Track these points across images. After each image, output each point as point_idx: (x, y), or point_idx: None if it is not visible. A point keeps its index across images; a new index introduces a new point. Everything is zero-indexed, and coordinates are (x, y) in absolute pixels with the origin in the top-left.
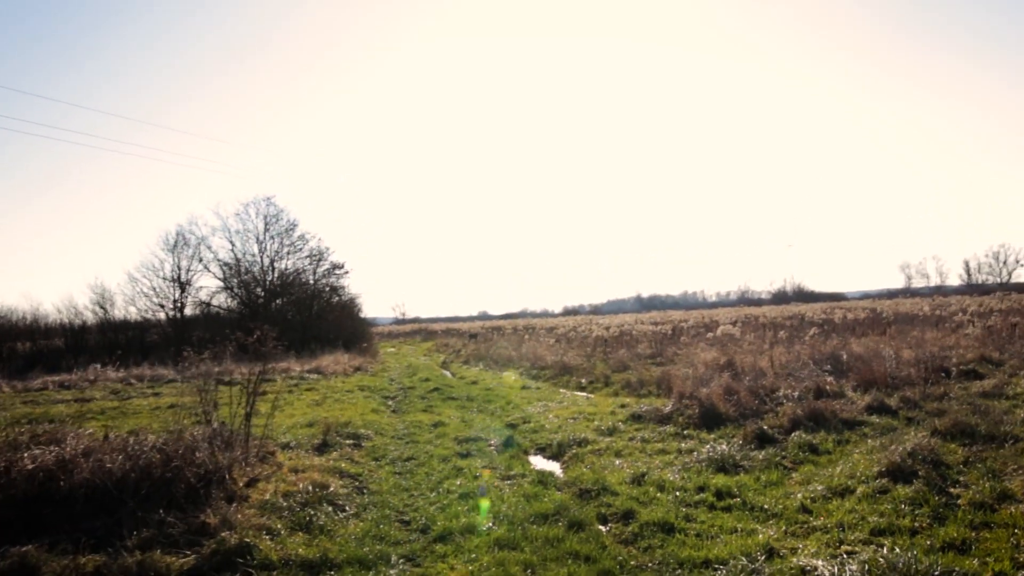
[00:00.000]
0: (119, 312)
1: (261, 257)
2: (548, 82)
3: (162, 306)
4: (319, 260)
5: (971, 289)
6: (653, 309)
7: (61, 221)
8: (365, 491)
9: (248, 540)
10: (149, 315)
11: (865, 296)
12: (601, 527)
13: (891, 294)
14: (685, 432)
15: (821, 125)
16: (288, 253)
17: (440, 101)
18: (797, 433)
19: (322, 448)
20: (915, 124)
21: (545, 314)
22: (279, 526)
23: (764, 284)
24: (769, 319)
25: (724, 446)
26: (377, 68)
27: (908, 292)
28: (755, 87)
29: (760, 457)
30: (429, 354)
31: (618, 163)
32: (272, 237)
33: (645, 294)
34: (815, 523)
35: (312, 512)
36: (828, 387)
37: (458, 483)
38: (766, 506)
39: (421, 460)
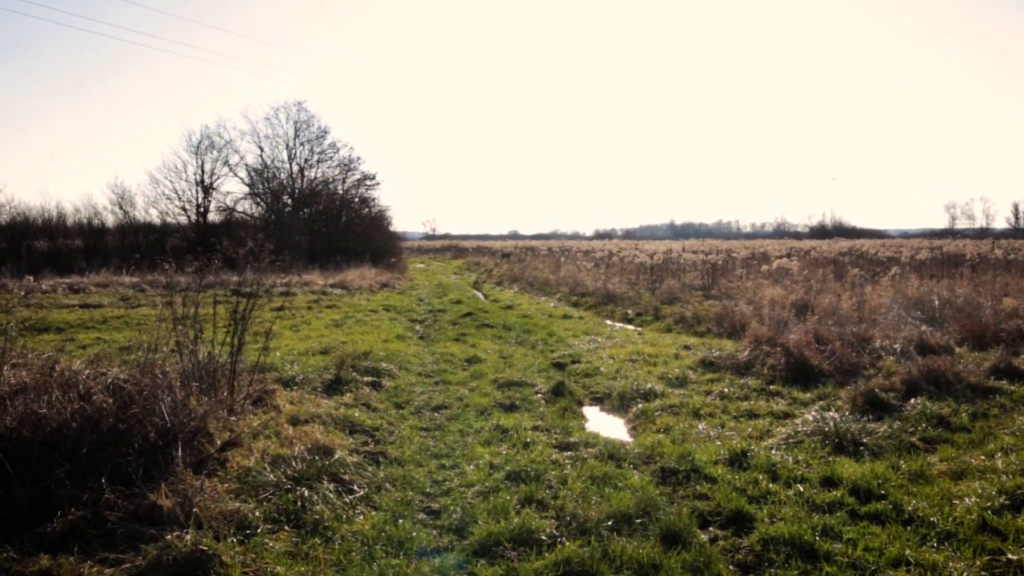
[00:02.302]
0: (139, 214)
1: (290, 164)
2: (589, 3)
3: (184, 210)
4: (349, 169)
5: (1019, 233)
6: (686, 237)
7: (80, 117)
8: (381, 460)
9: (205, 547)
10: (171, 219)
11: (905, 235)
12: (703, 536)
13: (935, 234)
14: (771, 387)
15: (866, 56)
16: (318, 161)
17: (479, 18)
18: (918, 400)
19: (334, 387)
20: (965, 62)
21: (576, 236)
22: (258, 515)
23: (802, 217)
24: (822, 253)
25: (833, 414)
26: None
27: (952, 233)
28: (799, 13)
29: (882, 432)
30: (460, 272)
31: (657, 85)
32: (302, 144)
33: (679, 221)
34: (1017, 556)
35: (307, 493)
36: (932, 340)
37: (503, 452)
38: (931, 517)
39: (454, 411)
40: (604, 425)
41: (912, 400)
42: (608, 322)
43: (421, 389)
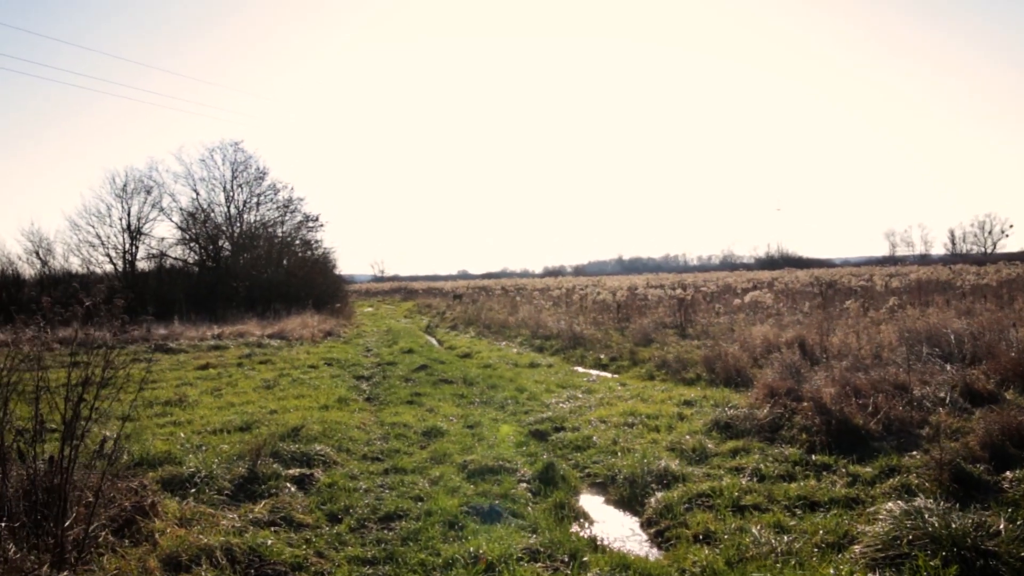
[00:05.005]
0: (59, 263)
1: (228, 207)
2: (529, 39)
3: (110, 257)
4: (289, 210)
5: (956, 258)
6: (636, 271)
7: None
8: None
9: None
10: (95, 267)
11: (848, 263)
12: None
13: (878, 261)
14: (815, 458)
15: (803, 90)
16: (257, 203)
17: (421, 55)
18: (1016, 473)
19: (246, 487)
20: (901, 92)
21: (526, 274)
22: None
23: (747, 249)
24: (786, 284)
25: (923, 502)
26: (359, 19)
27: (894, 260)
28: (740, 50)
29: (1006, 532)
30: (410, 315)
31: (599, 122)
32: (240, 186)
33: (627, 256)
34: None
35: None
36: (979, 385)
37: None
38: None
39: (411, 523)
40: (616, 530)
41: (1007, 473)
42: (580, 369)
43: (366, 484)
